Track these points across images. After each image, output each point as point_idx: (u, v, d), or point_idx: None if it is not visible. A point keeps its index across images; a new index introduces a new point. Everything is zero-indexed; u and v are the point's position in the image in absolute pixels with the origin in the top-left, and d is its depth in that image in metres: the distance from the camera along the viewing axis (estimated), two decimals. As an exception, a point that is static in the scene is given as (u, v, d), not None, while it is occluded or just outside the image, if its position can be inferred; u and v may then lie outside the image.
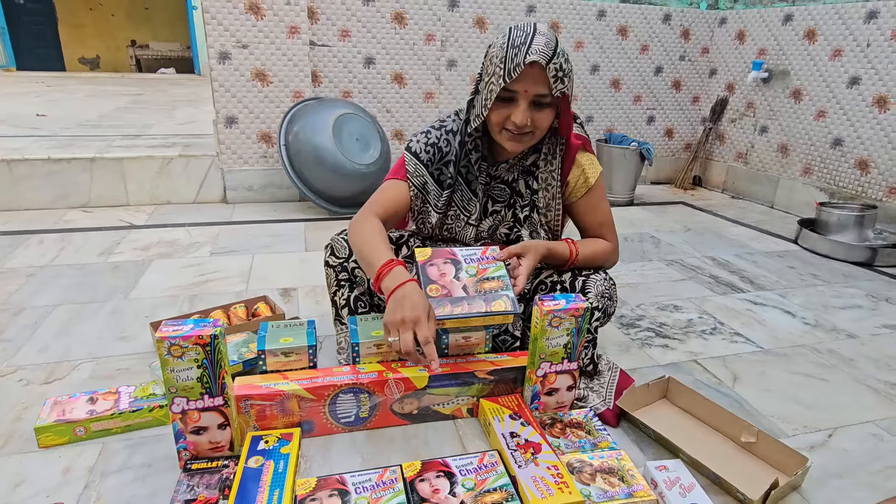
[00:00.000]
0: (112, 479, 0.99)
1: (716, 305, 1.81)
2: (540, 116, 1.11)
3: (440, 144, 1.24)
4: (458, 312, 1.07)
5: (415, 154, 1.24)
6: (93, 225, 2.33)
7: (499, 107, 1.11)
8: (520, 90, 1.07)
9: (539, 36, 1.05)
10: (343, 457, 1.07)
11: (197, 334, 0.92)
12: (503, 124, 1.12)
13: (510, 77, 1.05)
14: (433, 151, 1.24)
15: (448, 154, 1.24)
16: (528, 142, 1.14)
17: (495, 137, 1.16)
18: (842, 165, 2.72)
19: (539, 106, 1.10)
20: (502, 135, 1.13)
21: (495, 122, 1.12)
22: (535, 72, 1.05)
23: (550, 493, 0.92)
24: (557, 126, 1.19)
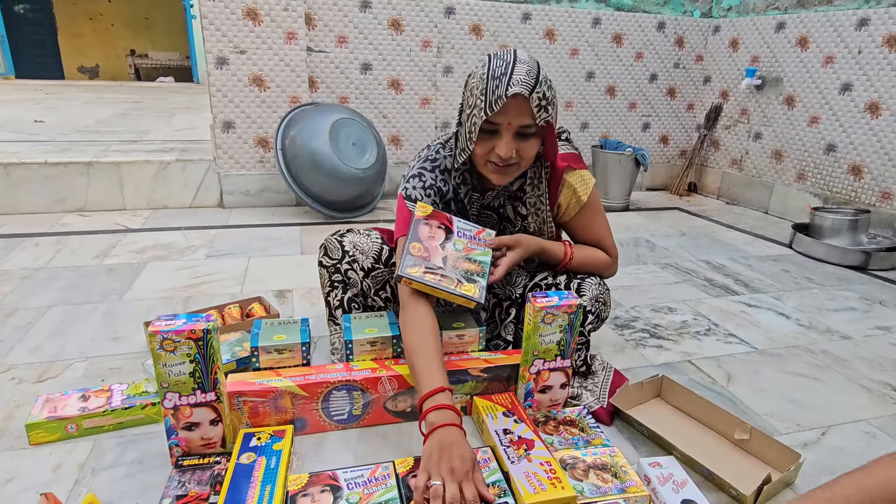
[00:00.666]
0: (103, 476, 0.98)
1: (710, 307, 1.82)
2: (525, 147, 1.07)
3: (438, 185, 1.22)
4: (427, 279, 1.07)
5: (415, 200, 1.19)
6: (89, 228, 2.33)
7: (482, 140, 1.07)
8: (503, 122, 1.03)
9: (520, 65, 1.01)
10: (336, 454, 1.07)
11: (189, 329, 0.92)
12: (487, 157, 1.08)
13: (492, 110, 1.01)
14: (433, 194, 1.21)
15: (448, 193, 1.22)
16: (513, 173, 1.11)
17: (480, 170, 1.13)
18: (835, 171, 2.74)
19: (523, 136, 1.06)
20: (487, 167, 1.10)
21: (480, 156, 1.09)
22: (517, 103, 1.01)
23: (543, 489, 0.92)
24: (542, 152, 1.16)
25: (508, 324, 1.31)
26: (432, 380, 0.98)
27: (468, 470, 0.88)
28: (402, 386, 1.13)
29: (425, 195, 1.20)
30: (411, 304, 1.10)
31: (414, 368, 1.02)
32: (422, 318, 1.07)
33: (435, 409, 0.94)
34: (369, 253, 1.28)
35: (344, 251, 1.28)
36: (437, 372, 1.00)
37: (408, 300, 1.11)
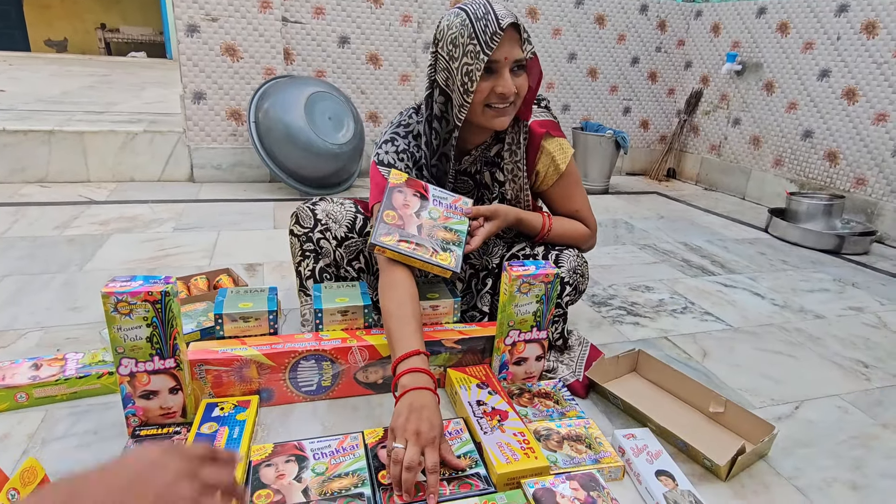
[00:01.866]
0: (54, 446, 0.93)
1: (687, 287, 1.81)
2: (520, 82, 1.05)
3: (411, 150, 1.18)
4: (402, 248, 1.03)
5: (389, 165, 1.16)
6: (50, 199, 2.23)
7: (479, 85, 1.03)
8: (500, 58, 1.01)
9: (496, 3, 1.01)
10: (303, 425, 1.03)
11: (146, 290, 0.87)
12: (487, 100, 1.05)
13: (490, 47, 0.98)
14: (407, 158, 1.17)
15: (420, 159, 1.18)
16: (511, 113, 1.08)
17: (477, 120, 1.09)
18: (811, 157, 2.76)
19: (517, 72, 1.05)
20: (486, 114, 1.06)
21: (478, 102, 1.05)
22: (509, 36, 1.01)
23: (516, 459, 0.89)
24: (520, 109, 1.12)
25: (484, 295, 1.28)
26: (407, 343, 0.95)
27: (435, 437, 0.85)
28: (373, 357, 1.10)
29: (398, 160, 1.16)
30: (389, 269, 1.06)
31: (390, 332, 0.99)
32: (399, 282, 1.04)
33: (408, 371, 0.91)
34: (342, 222, 1.24)
35: (316, 220, 1.23)
36: (412, 335, 0.96)
37: (386, 265, 1.07)
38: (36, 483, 0.63)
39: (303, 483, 0.84)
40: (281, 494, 0.82)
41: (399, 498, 0.82)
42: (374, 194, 1.16)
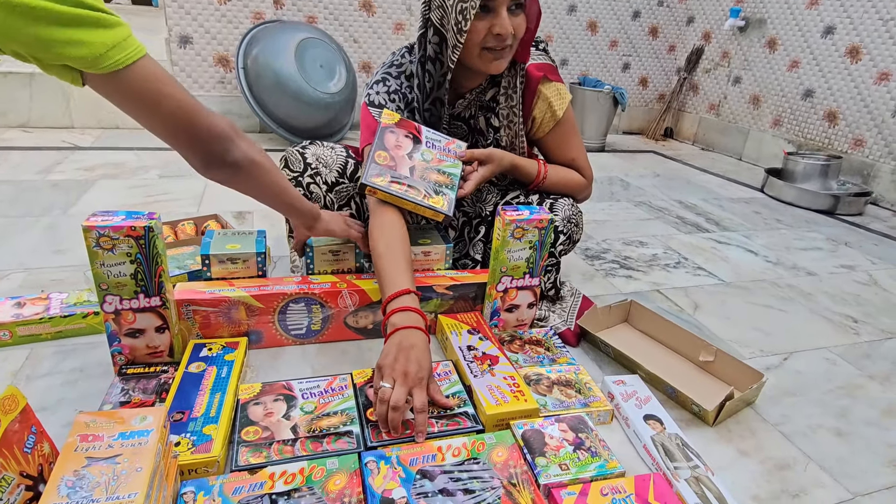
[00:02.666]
0: (39, 383, 0.92)
1: (681, 243, 1.81)
2: (518, 23, 1.00)
3: (403, 91, 1.13)
4: (393, 189, 1.01)
5: (380, 106, 1.12)
6: (32, 144, 2.17)
7: (475, 25, 0.99)
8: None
9: None
10: (292, 367, 1.02)
11: (129, 225, 0.84)
12: (483, 42, 1.00)
13: None
14: (398, 99, 1.13)
15: (413, 101, 1.14)
16: (508, 56, 1.04)
17: (473, 63, 1.04)
18: (811, 117, 2.72)
19: (514, 12, 1.00)
20: (483, 57, 1.02)
21: (475, 44, 1.00)
22: None
23: (506, 401, 0.89)
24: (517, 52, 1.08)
25: (477, 242, 1.26)
26: (397, 282, 0.93)
27: (423, 377, 0.84)
28: (363, 301, 1.08)
29: (389, 101, 1.12)
30: (380, 211, 1.04)
31: (380, 272, 0.97)
32: (389, 224, 1.02)
33: (398, 310, 0.90)
34: (333, 166, 1.20)
35: (306, 164, 1.20)
36: (403, 274, 0.95)
37: (376, 207, 1.05)
38: (17, 411, 0.62)
39: (291, 421, 0.84)
40: (269, 431, 0.82)
41: (387, 435, 0.82)
42: (364, 136, 1.13)
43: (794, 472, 0.88)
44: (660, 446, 0.86)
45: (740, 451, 0.91)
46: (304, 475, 0.74)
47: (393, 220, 1.02)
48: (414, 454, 0.79)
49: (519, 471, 0.77)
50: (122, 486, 0.57)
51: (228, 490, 0.71)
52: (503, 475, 0.76)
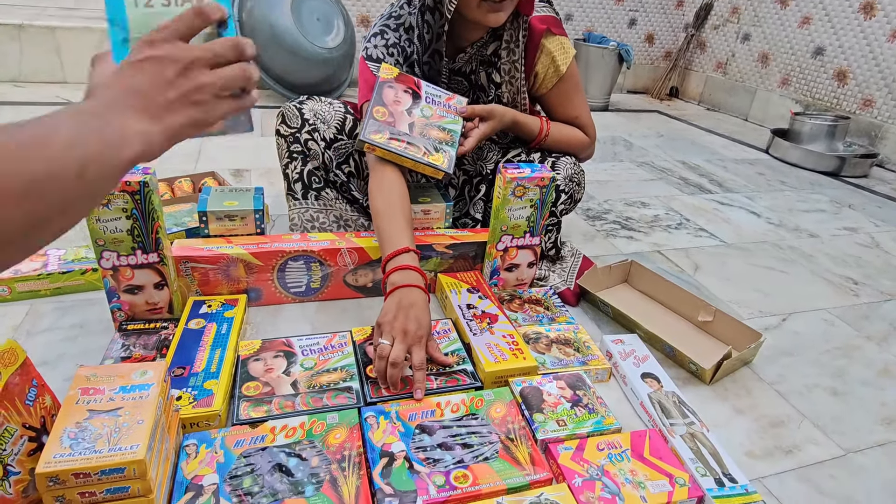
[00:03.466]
0: (39, 338, 0.92)
1: (683, 204, 1.79)
2: None
3: (402, 45, 1.10)
4: (393, 146, 1.00)
5: (378, 60, 1.09)
6: (25, 99, 2.13)
7: None
8: None
9: None
10: (292, 324, 1.02)
11: (124, 180, 0.83)
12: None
13: None
14: (397, 53, 1.10)
15: (412, 54, 1.10)
16: (509, 7, 1.00)
17: (472, 14, 1.00)
18: (820, 76, 2.66)
19: None
20: (480, 8, 0.98)
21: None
22: None
23: (504, 358, 0.90)
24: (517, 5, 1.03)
25: (478, 201, 1.25)
26: (397, 240, 0.93)
27: (422, 336, 0.85)
28: (362, 259, 1.08)
29: (388, 55, 1.09)
30: (379, 168, 1.02)
31: (379, 230, 0.97)
32: (389, 182, 1.00)
33: (398, 269, 0.90)
34: (331, 122, 1.18)
35: (303, 119, 1.17)
36: (403, 233, 0.94)
37: (375, 165, 1.03)
38: (18, 364, 0.62)
39: (291, 377, 0.85)
40: (270, 386, 0.82)
41: (386, 391, 0.83)
42: (362, 92, 1.10)
43: (788, 429, 0.89)
44: (656, 403, 0.87)
45: (736, 408, 0.92)
46: (305, 429, 0.75)
47: (392, 178, 1.01)
48: (413, 410, 0.79)
49: (517, 426, 0.78)
50: (123, 437, 0.58)
51: (230, 443, 0.72)
52: (501, 430, 0.77)
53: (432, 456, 0.73)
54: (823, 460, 0.84)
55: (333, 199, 1.21)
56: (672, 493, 0.71)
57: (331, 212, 1.22)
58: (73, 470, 0.55)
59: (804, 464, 0.83)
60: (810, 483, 0.79)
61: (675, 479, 0.73)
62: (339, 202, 1.21)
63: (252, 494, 0.66)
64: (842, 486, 0.79)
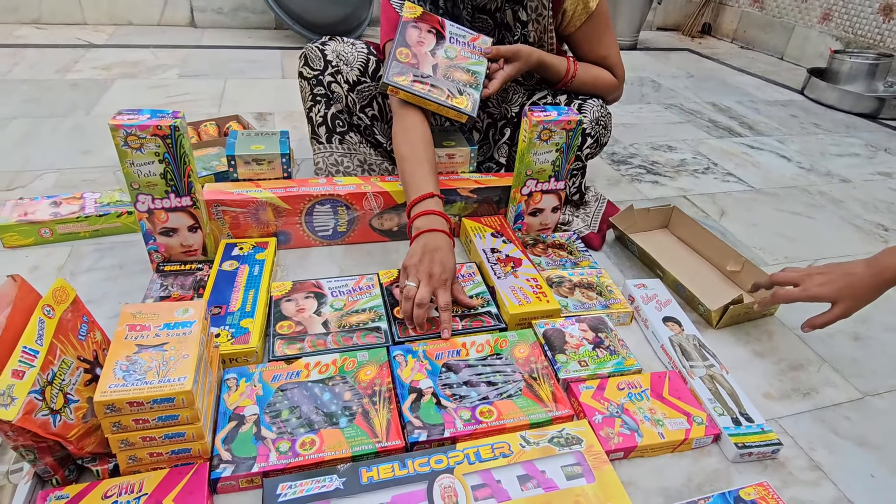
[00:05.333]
0: (82, 278, 0.96)
1: (711, 147, 1.75)
2: None
3: None
4: (416, 89, 0.99)
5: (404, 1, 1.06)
6: (47, 42, 2.12)
7: None
8: None
9: None
10: (320, 266, 1.05)
11: (155, 124, 0.84)
12: None
13: None
14: None
15: None
16: None
17: None
18: (864, 10, 2.51)
19: None
20: None
21: None
22: None
23: (528, 301, 0.92)
24: None
25: (502, 145, 1.24)
26: (422, 185, 0.94)
27: (447, 279, 0.87)
28: (387, 204, 1.09)
29: None
30: (403, 112, 1.02)
31: (404, 175, 0.98)
32: (412, 126, 1.00)
33: (423, 214, 0.91)
34: (354, 64, 1.16)
35: (326, 61, 1.16)
36: (427, 178, 0.95)
37: (399, 108, 1.03)
38: (69, 301, 0.66)
39: (322, 317, 0.88)
40: (302, 325, 0.86)
41: (413, 331, 0.86)
42: (384, 31, 1.08)
43: (807, 372, 0.91)
44: (677, 346, 0.89)
45: (756, 352, 0.94)
46: (337, 366, 0.78)
47: (416, 123, 1.00)
48: (439, 349, 0.83)
49: (539, 366, 0.81)
50: (171, 370, 0.62)
51: (268, 377, 0.76)
52: (524, 370, 0.80)
53: (458, 392, 0.76)
54: (840, 402, 0.86)
55: (357, 142, 1.21)
56: (689, 430, 0.74)
57: (355, 156, 1.22)
58: (128, 399, 0.59)
59: (821, 405, 0.85)
60: (825, 424, 0.82)
61: (693, 417, 0.76)
62: (363, 146, 1.21)
63: (290, 424, 0.70)
64: (857, 427, 0.81)
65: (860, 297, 0.81)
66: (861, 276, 0.81)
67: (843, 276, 0.82)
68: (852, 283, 0.81)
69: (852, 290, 0.81)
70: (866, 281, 0.80)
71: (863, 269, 0.81)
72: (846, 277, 0.82)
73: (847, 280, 0.82)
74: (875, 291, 0.81)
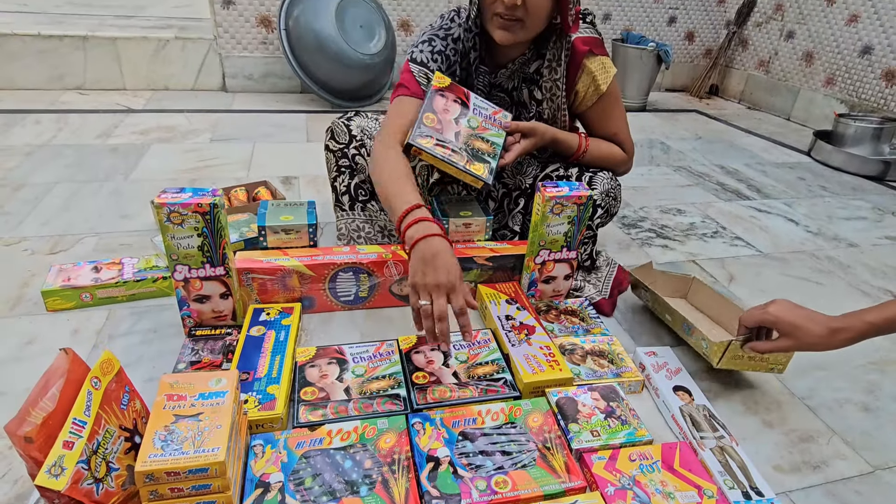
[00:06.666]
0: (119, 341, 1.02)
1: (719, 211, 1.80)
2: (532, 1, 1.00)
3: (447, 53, 1.15)
4: (438, 152, 1.05)
5: (422, 64, 1.14)
6: (90, 107, 2.27)
7: None
8: None
9: None
10: (342, 331, 1.10)
11: (196, 202, 0.91)
12: (493, 7, 1.02)
13: None
14: (441, 60, 1.15)
15: (455, 63, 1.16)
16: (519, 32, 1.04)
17: (487, 28, 1.06)
18: (867, 76, 2.60)
19: None
20: (493, 22, 1.04)
21: (487, 5, 1.03)
22: None
23: (542, 370, 0.96)
24: (561, 26, 1.08)
25: (516, 214, 1.30)
26: (405, 199, 0.95)
27: (454, 282, 0.88)
28: (407, 271, 1.14)
29: (431, 60, 1.15)
30: (381, 149, 1.06)
31: (387, 196, 0.99)
32: (390, 158, 1.04)
33: (413, 223, 0.92)
34: None
35: (351, 135, 1.24)
36: (410, 193, 0.97)
37: (376, 148, 1.07)
38: (114, 373, 0.71)
39: (344, 383, 0.92)
40: (325, 392, 0.90)
41: (441, 345, 0.90)
42: (399, 86, 1.16)
43: (817, 444, 0.92)
44: (687, 416, 0.91)
45: (765, 422, 0.96)
46: (358, 433, 0.82)
47: (393, 156, 1.04)
48: (456, 417, 0.86)
49: (553, 435, 0.84)
50: (206, 440, 0.66)
51: (292, 444, 0.80)
52: (538, 439, 0.83)
53: (474, 462, 0.79)
54: (851, 476, 0.87)
55: (378, 210, 1.28)
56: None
57: (376, 222, 1.29)
58: (166, 469, 0.63)
59: (831, 479, 0.86)
60: (836, 498, 0.83)
61: (704, 490, 0.78)
62: (383, 214, 1.28)
63: (313, 492, 0.73)
64: (868, 502, 0.83)
65: (808, 344, 0.86)
66: (819, 326, 0.85)
67: (806, 318, 0.86)
68: (808, 330, 0.85)
69: (805, 335, 0.85)
70: (820, 334, 0.84)
71: (824, 322, 0.85)
72: (807, 321, 0.86)
73: (806, 324, 0.85)
74: (824, 347, 0.85)
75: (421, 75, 1.14)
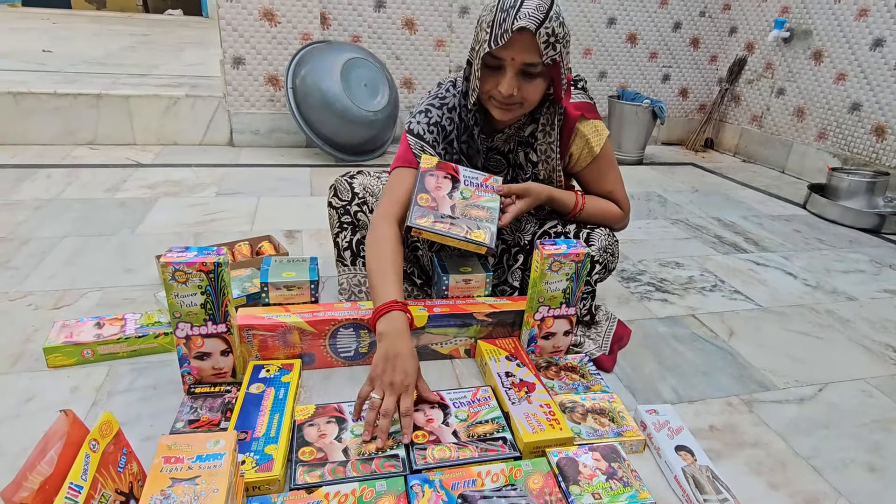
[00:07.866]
0: (118, 399, 1.02)
1: (718, 264, 1.82)
2: (529, 87, 1.05)
3: (443, 123, 1.20)
4: (437, 228, 1.08)
5: (418, 136, 1.19)
6: (100, 162, 2.33)
7: (487, 75, 1.05)
8: (506, 58, 1.01)
9: None
10: (342, 388, 1.10)
11: (200, 261, 0.93)
12: (490, 93, 1.07)
13: (497, 43, 0.98)
14: (437, 131, 1.20)
15: (451, 133, 1.21)
16: (517, 111, 1.09)
17: (486, 106, 1.11)
18: (857, 131, 2.67)
19: (528, 76, 1.03)
20: (491, 102, 1.09)
21: (484, 91, 1.08)
22: (524, 38, 0.98)
23: (542, 429, 0.95)
24: (553, 96, 1.13)
25: (515, 270, 1.32)
26: (385, 294, 1.01)
27: (408, 385, 0.94)
28: (408, 326, 1.15)
29: (427, 132, 1.19)
30: (377, 223, 1.11)
31: (372, 288, 1.05)
32: (382, 238, 1.08)
33: (383, 314, 0.98)
34: (379, 196, 1.28)
35: (354, 193, 1.27)
36: (391, 287, 1.02)
37: (375, 220, 1.12)
38: (112, 435, 0.71)
39: (343, 443, 0.92)
40: (323, 452, 0.89)
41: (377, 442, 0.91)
42: (398, 157, 1.20)
43: (823, 507, 0.91)
44: (690, 478, 0.90)
45: (770, 483, 0.94)
46: (356, 496, 0.81)
47: (386, 235, 1.09)
48: (455, 478, 0.85)
49: (554, 498, 0.83)
50: (202, 505, 0.66)
51: (289, 507, 0.79)
52: (539, 502, 0.82)
53: (474, 526, 0.78)
54: (859, 541, 0.85)
55: (379, 266, 1.30)
56: (704, 572, 0.74)
57: (377, 278, 1.31)
58: (161, 535, 0.62)
59: (839, 544, 0.84)
60: (845, 565, 0.81)
61: (707, 557, 0.76)
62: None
63: (310, 559, 0.72)
64: (877, 569, 0.80)
65: None
66: None
67: None
68: None
69: None
70: None
71: None
72: None
73: None
74: None
75: (416, 147, 1.18)
